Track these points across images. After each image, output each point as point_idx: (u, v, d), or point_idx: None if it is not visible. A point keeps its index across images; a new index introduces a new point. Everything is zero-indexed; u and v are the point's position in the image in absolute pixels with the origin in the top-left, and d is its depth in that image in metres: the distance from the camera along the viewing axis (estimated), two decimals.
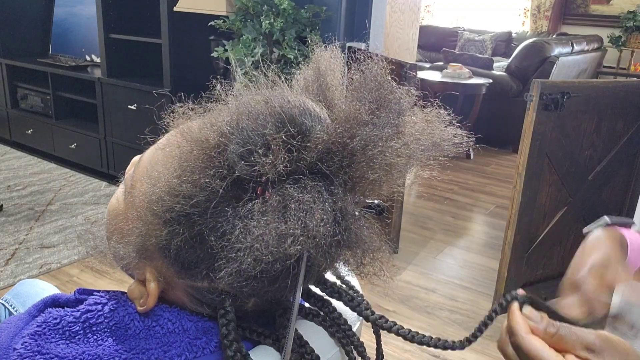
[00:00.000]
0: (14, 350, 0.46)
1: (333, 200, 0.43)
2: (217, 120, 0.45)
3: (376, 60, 0.47)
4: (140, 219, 0.47)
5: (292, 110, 0.43)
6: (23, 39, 4.07)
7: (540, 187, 2.05)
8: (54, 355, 0.46)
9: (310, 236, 0.40)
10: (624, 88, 2.09)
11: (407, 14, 3.13)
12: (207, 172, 0.43)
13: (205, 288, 0.48)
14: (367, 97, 0.45)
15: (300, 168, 0.43)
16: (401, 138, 0.45)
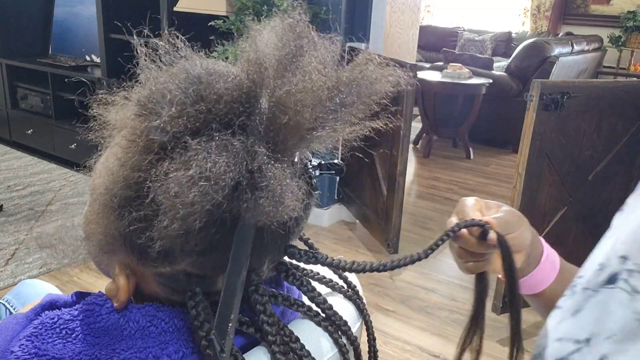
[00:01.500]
0: (12, 354, 0.46)
1: (241, 144, 0.43)
2: (134, 98, 0.46)
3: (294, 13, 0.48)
4: (96, 213, 0.48)
5: (197, 70, 0.44)
6: (23, 39, 4.06)
7: (540, 187, 2.05)
8: (51, 357, 0.46)
9: (209, 178, 0.41)
10: (624, 88, 2.09)
11: (407, 14, 3.13)
12: (131, 148, 0.44)
13: (169, 272, 0.49)
14: (284, 48, 0.46)
15: (207, 122, 0.43)
16: (309, 77, 0.45)
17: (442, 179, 3.88)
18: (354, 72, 0.49)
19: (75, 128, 3.65)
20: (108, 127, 0.50)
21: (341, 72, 0.48)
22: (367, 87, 0.49)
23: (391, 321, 2.13)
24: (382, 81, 0.50)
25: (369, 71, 0.49)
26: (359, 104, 0.49)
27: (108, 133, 0.51)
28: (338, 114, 0.47)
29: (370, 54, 0.50)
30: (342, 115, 0.48)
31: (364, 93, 0.49)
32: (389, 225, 2.54)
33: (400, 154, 2.41)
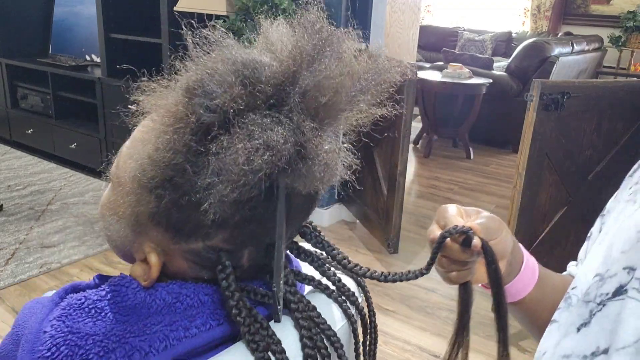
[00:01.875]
0: (45, 333, 0.48)
1: (291, 121, 0.47)
2: (180, 84, 0.49)
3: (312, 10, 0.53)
4: (129, 194, 0.50)
5: (242, 57, 0.49)
6: (23, 39, 4.07)
7: (540, 187, 2.05)
8: (84, 334, 0.48)
9: (272, 147, 0.45)
10: (624, 88, 2.09)
11: (407, 14, 3.13)
12: (179, 132, 0.47)
13: (200, 248, 0.52)
14: (309, 40, 0.51)
15: (258, 103, 0.47)
16: (342, 64, 0.51)
17: (442, 179, 3.88)
18: (370, 62, 0.55)
19: (75, 128, 3.65)
20: (142, 113, 0.54)
21: (359, 62, 0.54)
22: (379, 75, 0.55)
23: (391, 321, 2.14)
24: (391, 71, 0.56)
25: (380, 62, 0.55)
26: (373, 90, 0.54)
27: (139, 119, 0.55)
28: (358, 98, 0.53)
29: (381, 49, 0.57)
30: (361, 99, 0.53)
31: (377, 81, 0.55)
32: (389, 225, 2.54)
33: (400, 154, 2.41)
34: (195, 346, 0.50)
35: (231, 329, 0.53)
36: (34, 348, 0.47)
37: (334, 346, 0.55)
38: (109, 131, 3.43)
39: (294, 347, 0.52)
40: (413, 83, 2.33)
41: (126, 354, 0.48)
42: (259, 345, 0.50)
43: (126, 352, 0.48)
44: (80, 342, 0.47)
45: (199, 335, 0.51)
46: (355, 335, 0.62)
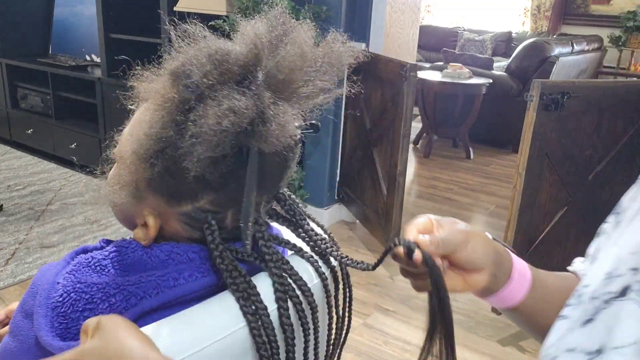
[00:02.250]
0: (58, 284, 0.58)
1: (252, 91, 0.57)
2: (167, 69, 0.59)
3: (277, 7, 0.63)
4: (129, 165, 0.61)
5: (215, 46, 0.58)
6: (23, 39, 4.06)
7: (540, 187, 2.05)
8: (90, 283, 0.58)
9: (236, 112, 0.54)
10: (624, 88, 2.09)
11: (407, 14, 3.13)
12: (167, 108, 0.57)
13: (190, 210, 0.61)
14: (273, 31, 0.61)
15: (227, 79, 0.57)
16: (297, 48, 0.60)
17: (442, 179, 3.88)
18: (326, 47, 0.64)
19: (75, 128, 3.65)
20: (136, 99, 0.64)
21: (317, 48, 0.63)
22: (335, 58, 0.64)
23: (391, 321, 2.13)
24: (346, 55, 0.65)
25: (336, 46, 0.64)
26: (331, 72, 0.64)
27: (136, 104, 0.65)
28: (317, 78, 0.62)
29: (337, 35, 0.65)
30: (319, 79, 0.62)
31: (333, 63, 0.64)
32: (389, 225, 2.54)
33: (400, 154, 2.41)
34: (183, 293, 0.59)
35: (214, 280, 0.61)
36: (49, 295, 0.58)
37: (304, 294, 0.64)
38: (109, 131, 3.42)
39: (269, 295, 0.61)
40: (413, 83, 2.33)
41: (124, 298, 0.57)
42: (239, 286, 0.59)
43: (124, 296, 0.57)
44: (86, 289, 0.58)
45: (186, 284, 0.60)
46: (326, 290, 0.70)
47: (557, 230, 2.16)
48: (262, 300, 0.59)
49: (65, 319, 0.57)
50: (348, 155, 2.94)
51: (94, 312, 0.57)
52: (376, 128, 2.65)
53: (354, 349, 1.92)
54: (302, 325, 0.64)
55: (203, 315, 0.58)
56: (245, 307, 0.58)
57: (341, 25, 2.65)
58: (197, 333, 0.56)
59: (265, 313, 0.59)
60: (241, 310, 0.58)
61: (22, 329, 0.60)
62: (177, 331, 0.55)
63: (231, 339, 0.57)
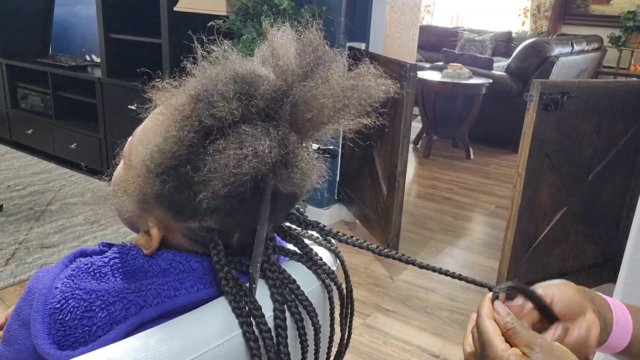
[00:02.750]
0: (56, 289, 0.56)
1: (278, 132, 0.55)
2: (188, 88, 0.57)
3: (312, 30, 0.60)
4: (138, 176, 0.59)
5: (242, 71, 0.56)
6: (23, 39, 4.06)
7: (540, 187, 2.05)
8: (89, 290, 0.56)
9: (259, 156, 0.52)
10: (624, 88, 2.09)
11: (407, 14, 3.13)
12: (184, 129, 0.55)
13: (197, 227, 0.60)
14: (305, 58, 0.58)
15: (252, 114, 0.55)
16: (329, 85, 0.58)
17: (442, 179, 3.88)
18: (357, 79, 0.61)
19: (75, 128, 3.65)
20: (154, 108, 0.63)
21: (347, 79, 0.60)
22: (364, 92, 0.61)
23: (391, 321, 2.13)
24: (377, 89, 0.62)
25: (366, 80, 0.61)
26: (358, 105, 0.61)
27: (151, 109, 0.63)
28: (342, 112, 0.60)
29: (369, 66, 0.62)
30: (345, 114, 0.60)
31: (362, 97, 0.61)
32: (389, 225, 2.54)
33: (400, 154, 2.41)
34: (184, 304, 0.58)
35: (216, 292, 0.60)
36: (46, 301, 0.56)
37: (306, 310, 0.63)
38: (109, 131, 3.42)
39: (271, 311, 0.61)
40: (413, 83, 2.33)
41: (124, 307, 0.56)
42: (242, 311, 0.58)
43: (124, 305, 0.56)
44: (85, 296, 0.56)
45: (187, 295, 0.59)
46: (331, 302, 0.70)
47: (557, 230, 2.16)
48: (266, 323, 0.58)
49: (63, 326, 0.55)
50: (348, 155, 2.94)
51: (93, 320, 0.55)
52: (376, 128, 2.65)
53: (354, 348, 1.92)
54: (301, 343, 0.63)
55: (198, 323, 0.57)
56: (248, 334, 0.57)
57: (341, 25, 2.65)
58: (191, 340, 0.55)
59: (269, 336, 0.58)
60: (244, 336, 0.57)
61: (18, 338, 0.58)
62: (172, 338, 0.54)
63: (227, 346, 0.57)
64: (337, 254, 0.75)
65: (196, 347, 0.55)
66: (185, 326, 0.56)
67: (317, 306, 0.67)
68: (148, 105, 0.63)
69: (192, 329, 0.56)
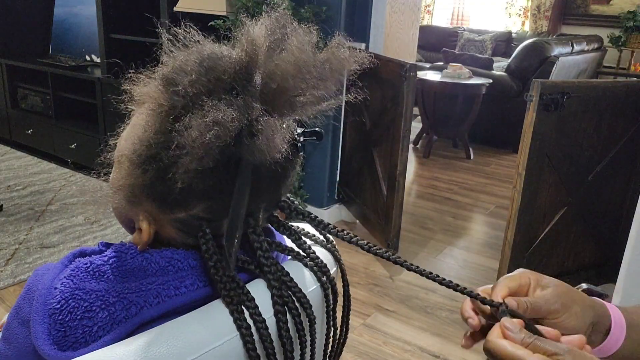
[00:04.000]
0: (56, 289, 0.56)
1: (241, 102, 0.55)
2: (157, 75, 0.58)
3: (279, 9, 0.61)
4: (124, 169, 0.59)
5: (207, 51, 0.57)
6: (23, 39, 4.06)
7: (540, 187, 2.05)
8: (89, 290, 0.56)
9: (220, 124, 0.52)
10: (624, 88, 2.09)
11: (407, 14, 3.13)
12: (160, 115, 0.56)
13: (185, 217, 0.60)
14: (272, 36, 0.59)
15: (217, 88, 0.55)
16: (291, 53, 0.57)
17: (442, 179, 3.88)
18: (327, 53, 0.61)
19: (75, 128, 3.65)
20: (133, 101, 0.62)
21: (318, 54, 0.60)
22: (338, 64, 0.61)
23: (391, 321, 2.13)
24: (350, 60, 0.62)
25: (339, 52, 0.61)
26: (332, 78, 0.60)
27: (132, 107, 0.63)
28: (316, 85, 0.59)
29: (341, 40, 0.62)
30: (319, 86, 0.59)
31: (335, 69, 0.61)
32: (389, 225, 2.54)
33: (400, 154, 2.41)
34: (184, 303, 0.58)
35: (216, 290, 0.60)
36: (46, 301, 0.55)
37: (303, 306, 0.63)
38: (109, 131, 3.42)
39: (268, 306, 0.60)
40: (413, 83, 2.33)
41: (124, 307, 0.56)
42: (233, 299, 0.58)
43: (124, 305, 0.56)
44: (85, 296, 0.56)
45: (188, 293, 0.59)
46: (327, 300, 0.69)
47: (557, 230, 2.16)
48: (260, 313, 0.58)
49: (63, 326, 0.55)
50: (348, 155, 2.94)
51: (93, 320, 0.55)
52: (376, 128, 2.65)
53: (354, 349, 1.92)
54: (300, 337, 0.63)
55: (198, 323, 0.57)
56: (239, 321, 0.57)
57: (341, 26, 2.65)
58: (191, 341, 0.55)
59: (264, 326, 0.58)
60: (235, 324, 0.57)
61: (18, 336, 0.58)
62: (172, 338, 0.54)
63: (227, 346, 0.57)
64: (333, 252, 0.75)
65: (196, 348, 0.55)
66: (186, 327, 0.56)
67: (317, 306, 0.67)
68: (124, 97, 0.63)
69: (192, 329, 0.56)
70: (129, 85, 0.61)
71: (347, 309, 0.75)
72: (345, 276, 0.75)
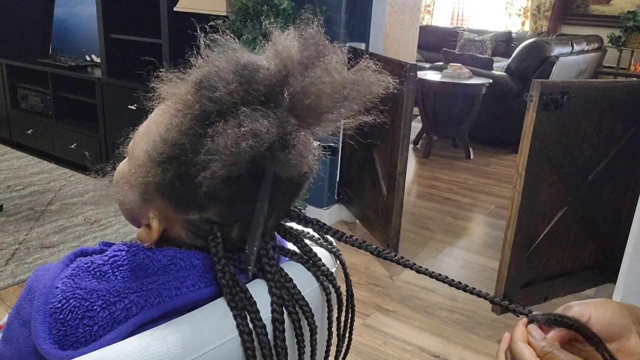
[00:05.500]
0: (57, 289, 0.56)
1: (276, 115, 0.55)
2: (191, 77, 0.58)
3: (312, 25, 0.62)
4: (140, 166, 0.60)
5: (244, 59, 0.58)
6: (23, 39, 4.06)
7: (540, 187, 2.05)
8: (90, 289, 0.56)
9: (256, 135, 0.53)
10: (624, 88, 2.09)
11: (407, 14, 3.13)
12: (187, 117, 0.56)
13: (197, 219, 0.60)
14: (306, 51, 0.60)
15: (252, 98, 0.56)
16: (327, 73, 0.58)
17: (442, 179, 3.88)
18: (357, 74, 0.62)
19: (75, 128, 3.65)
20: (158, 98, 0.63)
21: (348, 73, 0.61)
22: (365, 87, 0.62)
23: (391, 321, 2.13)
24: (377, 84, 0.63)
25: (367, 75, 0.62)
26: (358, 100, 0.61)
27: (155, 103, 0.64)
28: (343, 105, 0.60)
29: (369, 61, 0.63)
30: (345, 106, 0.61)
31: (362, 92, 0.62)
32: (389, 225, 2.54)
33: (400, 154, 2.41)
34: (185, 303, 0.58)
35: (217, 291, 0.60)
36: (47, 300, 0.56)
37: (304, 313, 0.63)
38: (109, 131, 3.42)
39: (268, 309, 0.61)
40: (413, 83, 2.33)
41: (125, 307, 0.56)
42: (237, 304, 0.58)
43: (125, 305, 0.56)
44: (86, 295, 0.56)
45: (189, 294, 0.59)
46: (329, 305, 0.70)
47: (557, 230, 2.15)
48: (261, 319, 0.58)
49: (64, 326, 0.55)
50: (348, 155, 2.94)
51: (94, 319, 0.55)
52: (376, 128, 2.65)
53: (354, 348, 1.92)
54: (298, 342, 0.63)
55: (198, 323, 0.57)
56: (242, 327, 0.57)
57: (341, 26, 2.65)
58: (191, 341, 0.55)
59: (264, 332, 0.58)
60: (237, 328, 0.57)
61: (19, 337, 0.58)
62: (172, 339, 0.54)
63: (226, 346, 0.57)
64: (338, 256, 0.75)
65: (196, 348, 0.55)
66: (185, 327, 0.56)
67: (316, 308, 0.67)
68: (151, 95, 0.64)
69: (192, 329, 0.56)
70: (157, 84, 0.62)
71: (351, 313, 0.74)
72: (349, 280, 0.74)
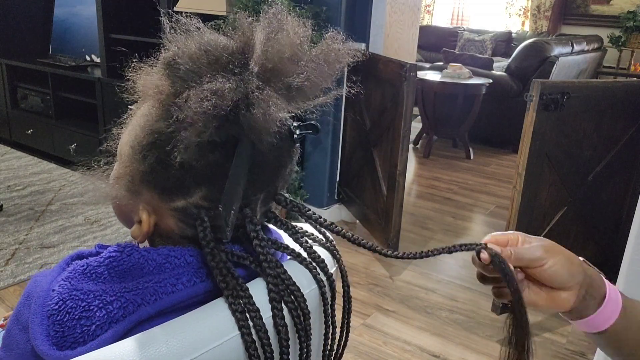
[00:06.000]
0: (53, 291, 0.57)
1: (239, 77, 0.57)
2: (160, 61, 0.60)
3: (276, 6, 0.64)
4: (125, 159, 0.62)
5: (208, 36, 0.60)
6: (23, 39, 4.06)
7: (540, 187, 2.05)
8: (86, 290, 0.57)
9: (217, 93, 0.54)
10: (624, 88, 2.09)
11: (407, 14, 3.12)
12: (160, 100, 0.58)
13: (184, 205, 0.61)
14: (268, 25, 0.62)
15: (217, 67, 0.57)
16: (286, 35, 0.60)
17: (442, 179, 3.88)
18: (322, 45, 0.64)
19: (75, 128, 3.65)
20: (136, 92, 0.64)
21: (313, 45, 0.63)
22: (333, 57, 0.63)
23: (391, 321, 2.13)
24: (344, 53, 0.64)
25: (334, 44, 0.64)
26: (328, 69, 0.63)
27: (135, 98, 0.65)
28: (311, 73, 0.61)
29: (336, 34, 0.65)
30: (315, 75, 0.62)
31: (330, 61, 0.63)
32: (389, 225, 2.54)
33: (400, 154, 2.41)
34: (181, 299, 0.59)
35: (213, 285, 0.61)
36: (44, 303, 0.56)
37: (297, 300, 0.63)
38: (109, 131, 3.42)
39: (264, 299, 0.61)
40: (413, 83, 2.33)
41: (121, 306, 0.56)
42: (228, 284, 0.59)
43: (121, 304, 0.56)
44: (83, 296, 0.56)
45: (184, 290, 0.60)
46: (324, 298, 0.70)
47: (557, 230, 2.15)
48: (254, 303, 0.59)
49: (62, 327, 0.55)
50: (348, 155, 2.94)
51: (91, 319, 0.55)
52: (376, 128, 2.65)
53: (354, 348, 1.92)
54: (297, 329, 0.63)
55: (197, 323, 0.57)
56: (242, 322, 0.58)
57: (341, 25, 2.65)
58: (191, 340, 0.55)
59: (258, 315, 0.58)
60: (237, 323, 0.58)
61: (19, 342, 0.58)
62: (171, 338, 0.54)
63: (226, 346, 0.57)
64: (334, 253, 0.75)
65: (196, 347, 0.55)
66: (185, 326, 0.56)
67: (315, 306, 0.66)
68: (128, 85, 0.65)
69: (192, 328, 0.56)
70: (133, 76, 0.64)
71: (347, 310, 0.74)
72: (345, 277, 0.74)
